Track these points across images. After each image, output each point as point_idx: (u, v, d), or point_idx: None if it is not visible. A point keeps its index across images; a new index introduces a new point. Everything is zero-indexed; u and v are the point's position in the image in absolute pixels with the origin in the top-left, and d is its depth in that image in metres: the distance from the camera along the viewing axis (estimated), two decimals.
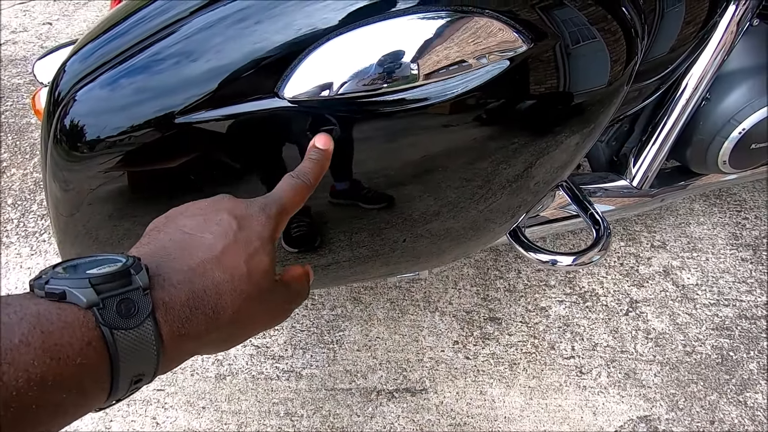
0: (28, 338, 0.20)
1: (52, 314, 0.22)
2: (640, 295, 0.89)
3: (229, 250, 0.28)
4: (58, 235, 0.50)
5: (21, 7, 1.65)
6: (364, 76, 0.36)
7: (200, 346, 0.27)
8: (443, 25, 0.35)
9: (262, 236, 0.29)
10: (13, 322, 0.21)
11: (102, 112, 0.38)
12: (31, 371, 0.20)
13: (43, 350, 0.20)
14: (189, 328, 0.26)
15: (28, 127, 1.24)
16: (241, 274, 0.28)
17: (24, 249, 0.99)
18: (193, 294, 0.26)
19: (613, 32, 0.40)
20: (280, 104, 0.37)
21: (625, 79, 0.45)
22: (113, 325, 0.23)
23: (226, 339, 0.29)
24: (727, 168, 0.69)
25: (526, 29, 0.36)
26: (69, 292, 0.23)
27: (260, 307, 0.29)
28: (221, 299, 0.27)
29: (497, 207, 0.54)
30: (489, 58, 0.36)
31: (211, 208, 0.30)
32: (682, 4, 0.56)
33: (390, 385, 0.79)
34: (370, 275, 0.62)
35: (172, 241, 0.28)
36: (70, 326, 0.22)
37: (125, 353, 0.23)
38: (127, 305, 0.23)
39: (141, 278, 0.24)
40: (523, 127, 0.46)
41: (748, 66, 0.66)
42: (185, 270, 0.27)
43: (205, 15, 0.36)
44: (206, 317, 0.26)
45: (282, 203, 0.32)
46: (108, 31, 0.39)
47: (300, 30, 0.35)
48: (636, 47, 0.44)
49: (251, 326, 0.30)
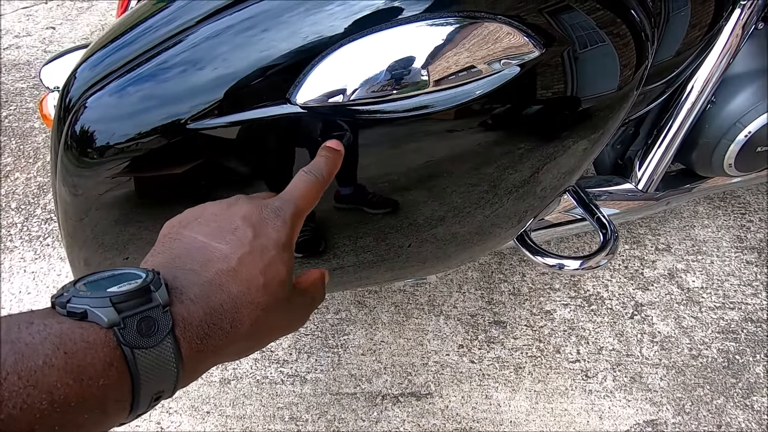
0: (52, 359, 0.20)
1: (75, 334, 0.22)
2: (645, 299, 0.88)
3: (246, 261, 0.27)
4: (66, 239, 0.50)
5: (24, 12, 1.66)
6: (375, 83, 0.36)
7: (218, 359, 0.27)
8: (453, 32, 0.35)
9: (279, 243, 0.29)
10: (36, 342, 0.20)
11: (112, 119, 0.38)
12: (54, 393, 0.20)
13: (66, 371, 0.20)
14: (207, 344, 0.25)
15: (31, 131, 1.25)
16: (258, 286, 0.27)
17: (28, 253, 0.99)
18: (211, 309, 0.26)
19: (623, 36, 0.40)
20: (292, 110, 0.37)
21: (635, 83, 0.45)
22: (134, 344, 0.22)
23: (244, 349, 0.29)
24: (732, 171, 0.69)
25: (538, 34, 0.36)
26: (90, 311, 0.22)
27: (278, 316, 0.29)
28: (238, 312, 0.27)
29: (503, 212, 0.54)
30: (500, 64, 0.36)
31: (226, 213, 0.30)
32: (687, 8, 0.56)
33: (395, 389, 0.79)
34: (375, 280, 0.62)
35: (187, 250, 0.28)
36: (92, 346, 0.22)
37: (146, 372, 0.23)
38: (147, 323, 0.23)
39: (161, 295, 0.24)
40: (531, 132, 0.45)
41: (754, 69, 0.66)
42: (202, 283, 0.26)
43: (212, 24, 0.36)
44: (224, 332, 0.26)
45: (296, 203, 0.32)
46: (118, 39, 0.39)
47: (310, 37, 0.35)
48: (646, 51, 0.44)
49: (269, 335, 0.30)
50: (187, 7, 0.37)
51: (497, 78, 0.37)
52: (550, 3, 0.37)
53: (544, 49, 0.37)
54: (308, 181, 0.33)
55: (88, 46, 0.60)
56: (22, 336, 0.20)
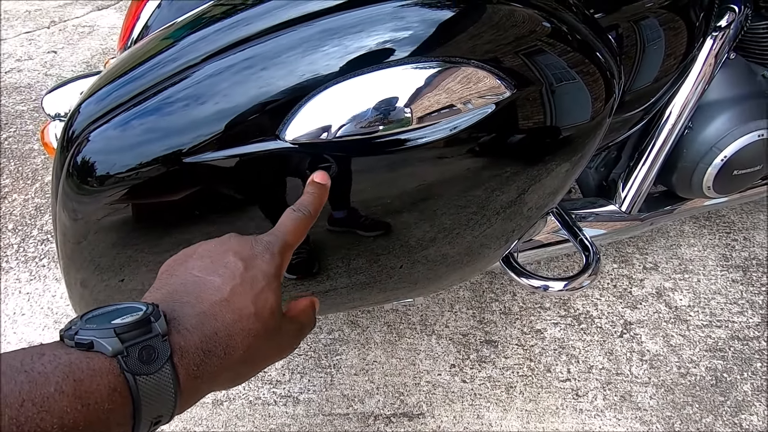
0: (62, 387, 0.22)
1: (82, 363, 0.23)
2: (633, 317, 0.90)
3: (237, 292, 0.29)
4: (64, 260, 0.51)
5: (27, 36, 1.70)
6: (362, 120, 0.38)
7: (213, 385, 0.29)
8: (433, 74, 0.38)
9: (268, 274, 0.31)
10: (48, 371, 0.22)
11: (113, 151, 0.40)
12: (64, 418, 0.21)
13: (75, 397, 0.22)
14: (203, 370, 0.27)
15: (30, 153, 1.27)
16: (249, 314, 0.29)
17: (23, 274, 1.00)
18: (206, 338, 0.28)
19: (592, 74, 0.44)
20: (282, 146, 0.39)
21: (606, 113, 0.48)
22: (136, 371, 0.24)
23: (237, 376, 0.30)
24: (711, 193, 0.71)
25: (509, 76, 0.39)
26: (96, 341, 0.24)
27: (269, 343, 0.31)
28: (232, 340, 0.28)
29: (492, 232, 0.56)
30: (475, 103, 0.39)
31: (219, 249, 0.32)
32: (661, 40, 0.59)
33: (387, 409, 0.79)
34: (367, 302, 0.63)
35: (183, 284, 0.30)
36: (99, 374, 0.23)
37: (146, 397, 0.24)
38: (148, 352, 0.25)
39: (160, 325, 0.26)
40: (515, 158, 0.48)
41: (728, 97, 0.69)
42: (197, 314, 0.28)
43: (215, 63, 0.39)
44: (218, 358, 0.28)
45: (285, 239, 0.34)
46: (124, 75, 0.41)
47: (302, 77, 0.38)
48: (613, 86, 0.47)
49: (261, 361, 0.31)
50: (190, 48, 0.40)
51: (474, 116, 0.39)
52: (525, 47, 0.40)
53: (515, 89, 0.40)
54: (296, 218, 0.35)
55: (89, 75, 0.63)
56: (36, 366, 0.22)
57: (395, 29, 0.38)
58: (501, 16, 0.40)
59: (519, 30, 0.41)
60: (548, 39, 0.42)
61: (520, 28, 0.41)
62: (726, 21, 0.65)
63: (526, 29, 0.41)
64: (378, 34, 0.38)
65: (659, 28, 0.58)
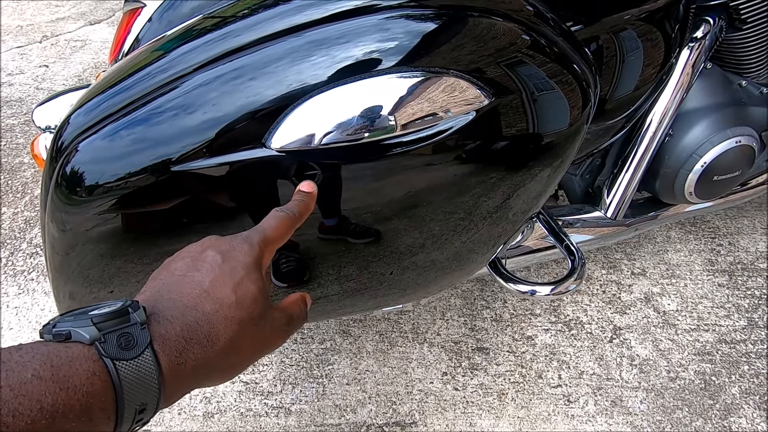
0: (40, 372, 0.22)
1: (60, 351, 0.24)
2: (623, 322, 0.91)
3: (216, 282, 0.30)
4: (53, 272, 0.51)
5: (18, 51, 1.70)
6: (347, 127, 0.39)
7: (200, 376, 0.29)
8: (416, 83, 0.39)
9: (246, 264, 0.32)
10: (25, 360, 0.23)
11: (102, 161, 0.41)
12: (43, 401, 0.22)
13: (53, 382, 0.23)
14: (186, 357, 0.27)
15: (20, 167, 1.26)
16: (230, 303, 0.30)
17: (11, 288, 0.99)
18: (187, 326, 0.28)
19: (569, 84, 0.46)
20: (268, 153, 0.40)
21: (584, 120, 0.50)
22: (115, 356, 0.25)
23: (227, 368, 0.31)
24: (693, 198, 0.73)
25: (488, 86, 0.41)
26: (74, 331, 0.25)
27: (256, 332, 0.31)
28: (213, 328, 0.29)
29: (479, 238, 0.57)
30: (456, 110, 0.40)
31: (198, 249, 0.33)
32: (640, 50, 0.61)
33: (380, 419, 0.79)
34: (358, 308, 0.64)
35: (165, 285, 0.30)
36: (77, 359, 0.24)
37: (128, 382, 0.25)
38: (126, 339, 0.25)
39: (138, 315, 0.27)
40: (498, 164, 0.49)
41: (706, 105, 0.71)
42: (178, 306, 0.29)
43: (204, 73, 0.40)
44: (201, 346, 0.28)
45: (265, 233, 0.34)
46: (114, 86, 0.42)
47: (289, 86, 0.39)
48: (589, 95, 0.49)
49: (249, 352, 0.32)
50: (180, 59, 0.41)
51: (455, 122, 0.41)
52: (504, 58, 0.42)
53: (494, 98, 0.41)
54: (279, 216, 0.36)
55: (80, 88, 0.64)
56: (13, 357, 0.23)
57: (380, 40, 0.39)
58: (482, 29, 0.42)
59: (499, 42, 0.42)
60: (527, 51, 0.44)
61: (500, 40, 0.43)
62: (702, 32, 0.67)
63: (505, 41, 0.43)
64: (363, 44, 0.39)
65: (637, 39, 0.60)
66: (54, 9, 1.95)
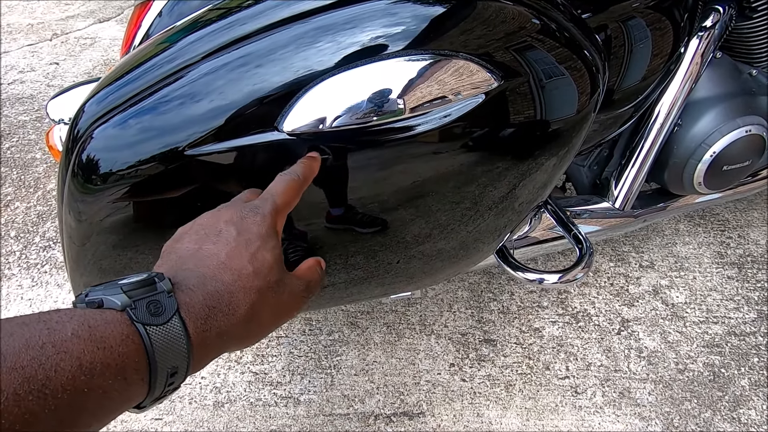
0: (78, 332, 0.24)
1: (96, 315, 0.25)
2: (631, 315, 0.91)
3: (233, 255, 0.31)
4: (70, 263, 0.52)
5: (29, 49, 1.73)
6: (357, 111, 0.40)
7: (225, 342, 0.30)
8: (425, 66, 0.39)
9: (261, 234, 0.33)
10: (65, 320, 0.24)
11: (116, 149, 0.41)
12: (82, 358, 0.23)
13: (91, 341, 0.24)
14: (210, 325, 0.29)
15: (32, 162, 1.28)
16: (248, 273, 0.31)
17: (25, 281, 1.01)
18: (209, 294, 0.29)
19: (578, 69, 0.45)
20: (280, 137, 0.41)
21: (591, 107, 0.50)
22: (146, 321, 0.26)
23: (247, 335, 0.32)
24: (703, 189, 0.73)
25: (497, 68, 0.41)
26: (105, 299, 0.26)
27: (275, 299, 0.32)
28: (233, 297, 0.30)
29: (485, 227, 0.57)
30: (465, 93, 0.40)
31: (211, 221, 0.34)
32: (648, 40, 0.61)
33: (387, 409, 0.80)
34: (365, 296, 0.64)
35: (181, 258, 0.32)
36: (111, 323, 0.25)
37: (159, 346, 0.26)
38: (155, 306, 0.27)
39: (165, 284, 0.28)
40: (505, 151, 0.49)
41: (715, 94, 0.71)
42: (197, 276, 0.30)
43: (211, 62, 0.41)
44: (223, 314, 0.29)
45: (274, 200, 0.35)
46: (124, 76, 0.43)
47: (297, 72, 0.39)
48: (598, 81, 0.49)
49: (269, 319, 0.33)
50: (187, 48, 0.42)
51: (465, 105, 0.41)
52: (513, 42, 0.42)
53: (503, 80, 0.41)
54: (285, 180, 0.37)
55: (92, 81, 0.65)
56: (53, 317, 0.24)
57: (387, 25, 0.39)
58: (491, 12, 0.42)
59: (508, 26, 0.42)
60: (536, 35, 0.43)
61: (509, 24, 0.43)
62: (711, 21, 0.66)
63: (515, 25, 0.43)
64: (371, 29, 0.39)
65: (646, 28, 0.60)
66: (64, 7, 1.98)
